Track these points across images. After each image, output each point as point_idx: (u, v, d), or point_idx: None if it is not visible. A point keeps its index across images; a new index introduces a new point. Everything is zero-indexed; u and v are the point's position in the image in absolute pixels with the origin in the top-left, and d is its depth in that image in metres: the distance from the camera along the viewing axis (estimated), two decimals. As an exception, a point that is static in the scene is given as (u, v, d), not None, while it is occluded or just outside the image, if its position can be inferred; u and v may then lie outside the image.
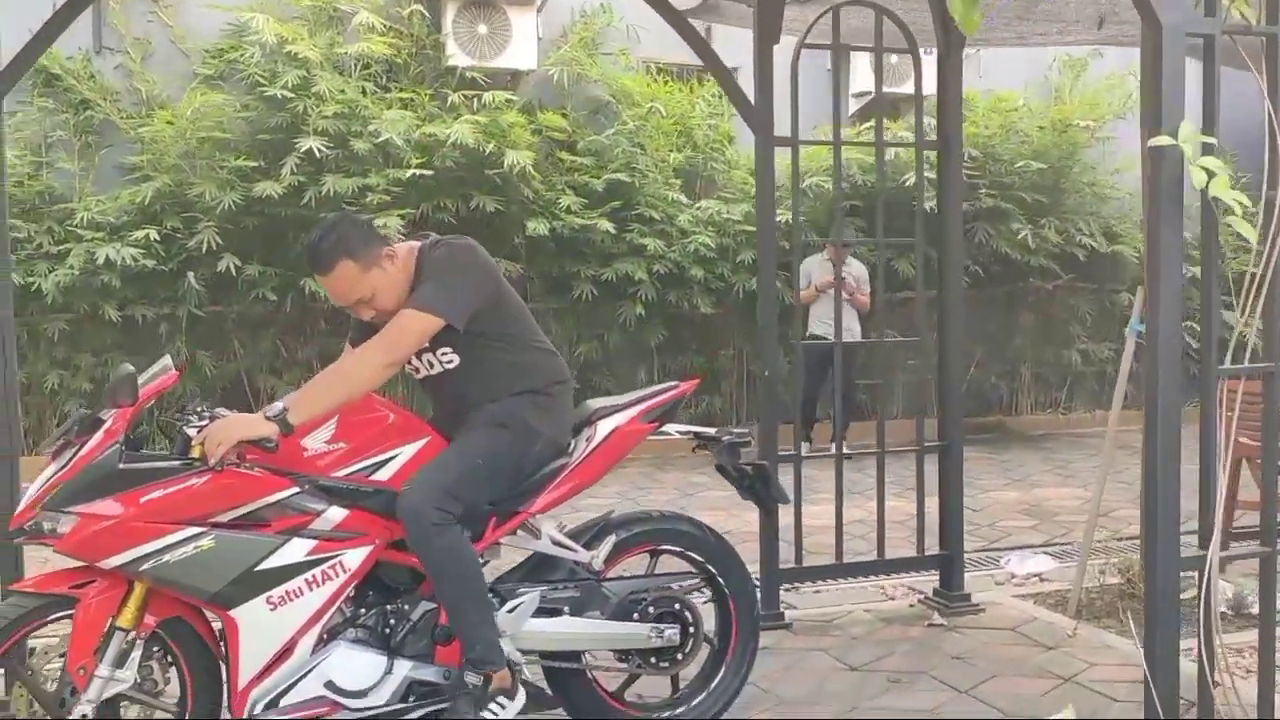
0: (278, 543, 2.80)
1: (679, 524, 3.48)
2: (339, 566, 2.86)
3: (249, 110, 8.38)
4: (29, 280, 7.84)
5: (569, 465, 3.22)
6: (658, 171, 9.26)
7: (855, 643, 4.37)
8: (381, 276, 2.97)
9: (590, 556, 3.26)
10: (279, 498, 2.83)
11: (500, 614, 3.09)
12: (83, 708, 2.72)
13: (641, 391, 3.48)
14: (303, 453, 2.89)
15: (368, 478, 2.95)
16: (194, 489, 2.74)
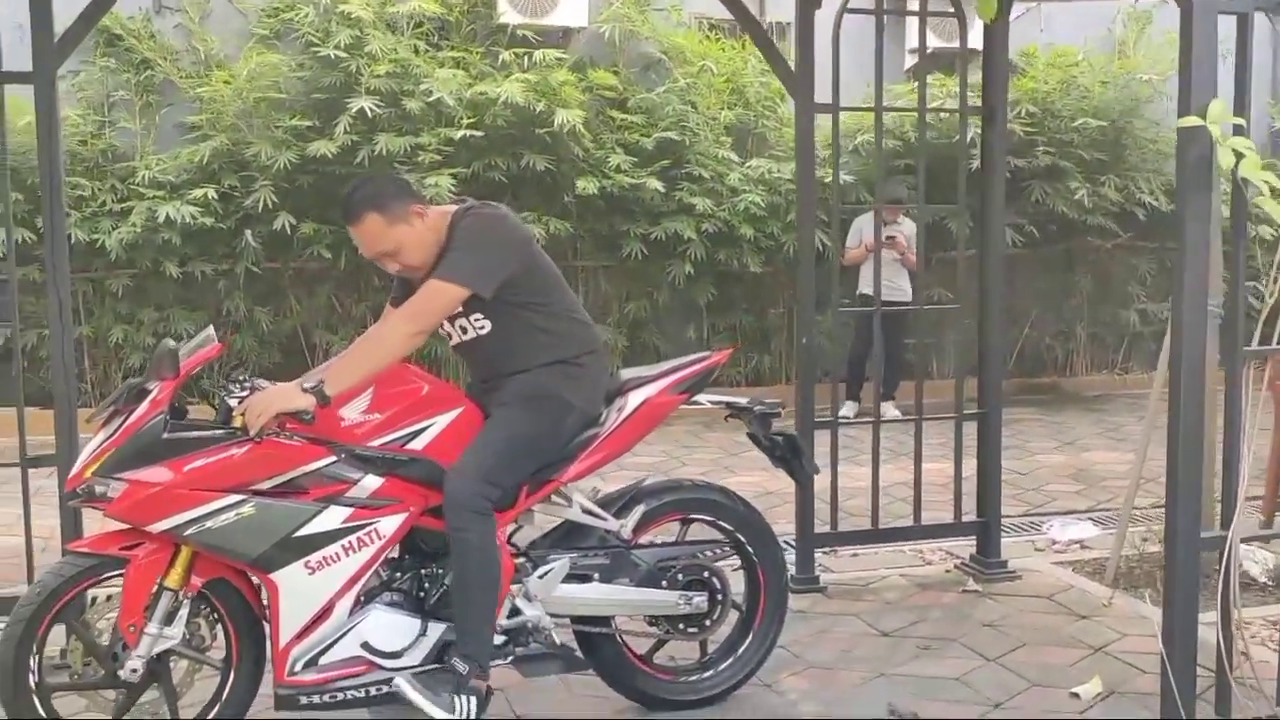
0: (315, 510, 2.90)
1: (709, 493, 3.53)
2: (374, 533, 2.96)
3: (304, 70, 8.48)
4: (94, 237, 8.06)
5: (600, 435, 3.27)
6: (708, 129, 9.23)
7: (888, 608, 4.42)
8: (407, 232, 3.02)
9: (620, 525, 3.32)
10: (317, 466, 2.93)
11: (531, 579, 3.18)
12: (133, 663, 2.87)
13: (674, 362, 3.52)
14: (340, 422, 2.98)
15: (402, 447, 3.04)
16: (235, 458, 2.86)
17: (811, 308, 4.61)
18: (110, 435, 2.84)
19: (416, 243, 3.05)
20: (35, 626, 2.83)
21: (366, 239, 3.04)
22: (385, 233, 3.01)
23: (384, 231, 3.01)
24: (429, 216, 3.08)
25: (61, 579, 2.86)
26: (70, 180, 8.07)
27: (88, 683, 2.93)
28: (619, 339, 9.27)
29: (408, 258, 3.06)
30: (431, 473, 3.06)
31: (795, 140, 4.63)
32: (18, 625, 2.82)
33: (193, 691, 3.08)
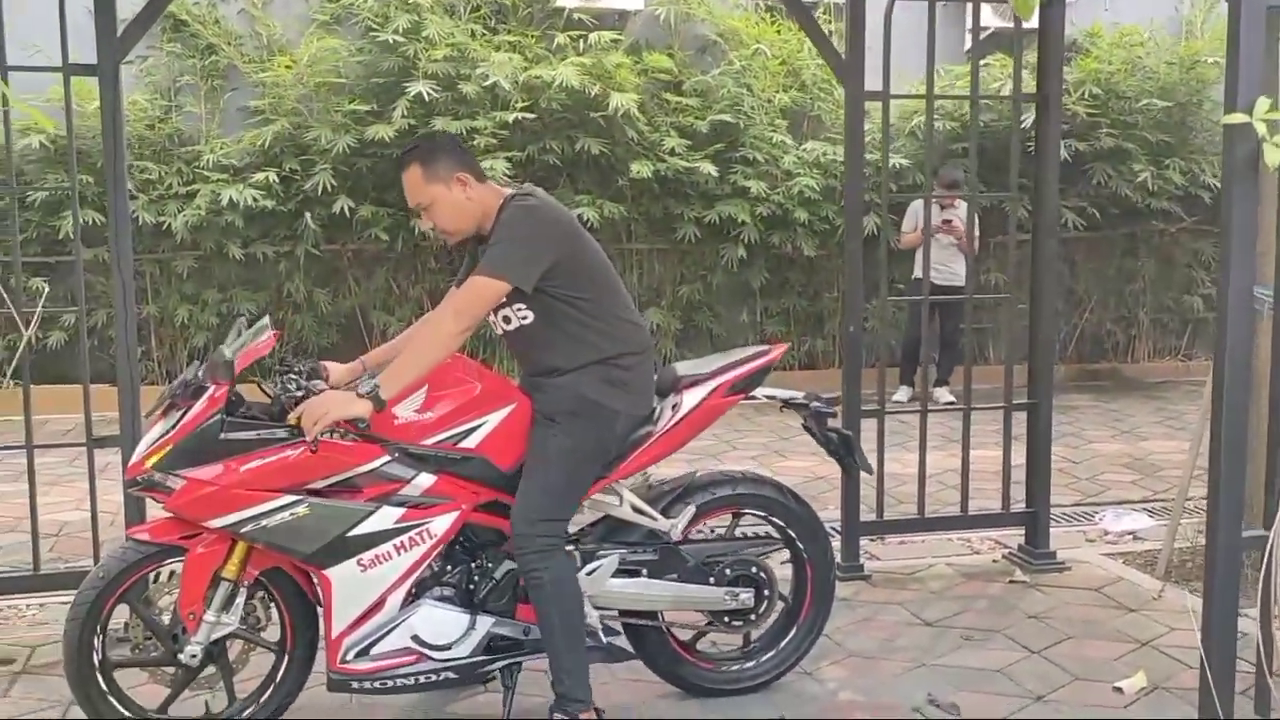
0: (368, 510, 2.97)
1: (761, 488, 3.51)
2: (426, 533, 3.02)
3: (363, 54, 8.59)
4: (160, 219, 8.27)
5: (653, 435, 3.28)
6: (763, 112, 9.21)
7: (933, 597, 4.43)
8: (442, 193, 3.07)
9: (669, 526, 3.32)
10: (371, 467, 2.98)
11: (581, 575, 3.21)
12: (192, 648, 2.98)
13: (729, 356, 3.49)
14: (393, 420, 3.03)
15: (455, 445, 3.08)
16: (289, 460, 2.91)
17: (859, 295, 4.60)
18: (169, 429, 2.92)
19: (449, 207, 3.09)
20: (99, 608, 2.94)
21: (406, 188, 3.12)
22: (421, 187, 3.08)
23: (420, 185, 3.08)
24: (473, 188, 3.11)
25: (123, 564, 2.96)
26: (138, 164, 8.29)
27: (148, 659, 3.05)
28: (672, 322, 9.31)
29: (436, 217, 3.11)
30: (484, 470, 3.11)
31: (844, 127, 4.61)
32: (81, 606, 2.93)
33: (249, 668, 3.20)
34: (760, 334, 9.56)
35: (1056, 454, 6.88)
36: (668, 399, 3.36)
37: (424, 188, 3.08)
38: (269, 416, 3.01)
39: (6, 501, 5.68)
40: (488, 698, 3.44)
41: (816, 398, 3.54)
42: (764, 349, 3.51)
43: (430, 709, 3.42)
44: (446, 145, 3.21)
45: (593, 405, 3.14)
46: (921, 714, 3.39)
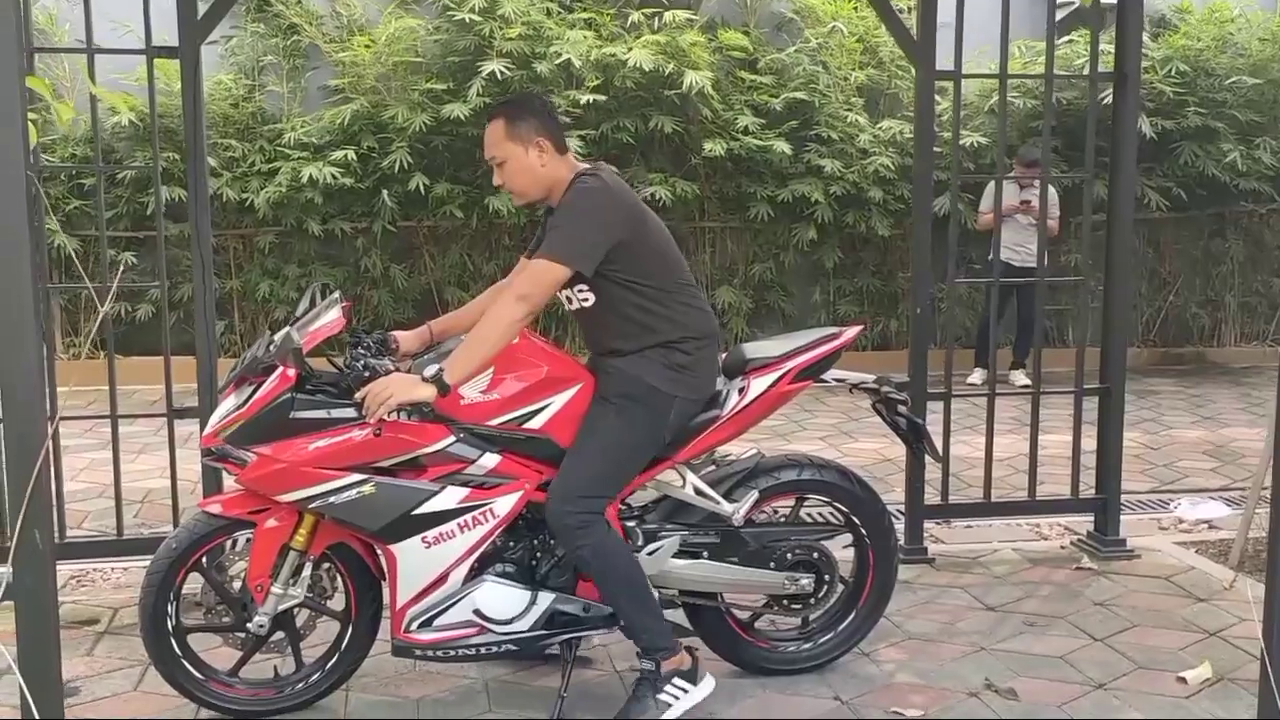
0: (433, 490, 3.03)
1: (825, 473, 3.49)
2: (489, 512, 3.08)
3: (439, 34, 8.69)
4: (243, 196, 8.48)
5: (719, 419, 3.28)
6: (839, 90, 9.13)
7: (996, 582, 4.40)
8: (518, 153, 3.08)
9: (731, 510, 3.31)
10: (436, 448, 3.04)
11: (641, 554, 3.25)
12: (260, 618, 3.10)
13: (800, 338, 3.45)
14: (459, 400, 3.07)
15: (520, 426, 3.12)
16: (356, 441, 2.97)
17: (927, 276, 4.56)
18: (241, 404, 3.00)
19: (521, 167, 3.10)
20: (171, 577, 3.07)
21: (487, 139, 3.15)
22: (500, 142, 3.10)
23: (500, 140, 3.10)
24: (550, 156, 3.11)
25: (194, 536, 3.08)
26: (222, 142, 8.50)
27: (220, 625, 3.17)
28: (744, 301, 9.31)
29: (507, 175, 3.12)
30: (548, 450, 3.15)
31: (915, 107, 4.57)
32: (155, 575, 3.06)
33: (315, 634, 3.31)
34: (832, 314, 9.51)
35: (1134, 440, 6.79)
36: (735, 381, 3.36)
37: (503, 143, 3.10)
38: (338, 390, 3.07)
39: (96, 469, 5.92)
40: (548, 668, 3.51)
41: (887, 381, 3.52)
42: (836, 332, 3.46)
43: (491, 678, 3.50)
44: (536, 107, 3.18)
45: (649, 390, 3.13)
46: (979, 698, 3.38)
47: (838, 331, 3.47)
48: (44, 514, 2.16)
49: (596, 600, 3.24)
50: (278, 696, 3.21)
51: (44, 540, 2.14)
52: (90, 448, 6.38)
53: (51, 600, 2.23)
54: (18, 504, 2.12)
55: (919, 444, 3.63)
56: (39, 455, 2.13)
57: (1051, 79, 4.67)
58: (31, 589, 2.18)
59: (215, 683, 3.18)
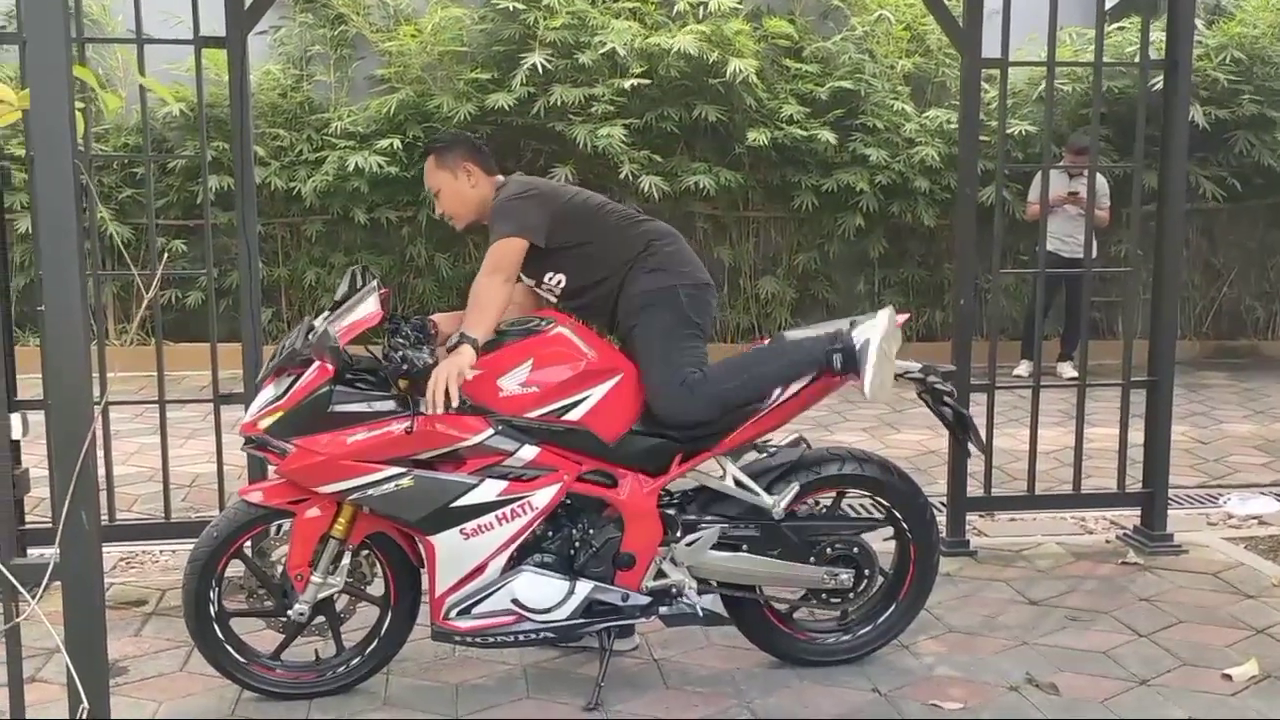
0: (471, 483, 3.05)
1: (867, 467, 3.46)
2: (527, 505, 3.10)
3: (484, 23, 8.72)
4: (291, 185, 8.57)
5: (761, 411, 3.29)
6: (885, 79, 9.05)
7: (1039, 576, 4.35)
8: (449, 180, 3.39)
9: (772, 503, 3.31)
10: (475, 440, 3.06)
11: (679, 545, 3.26)
12: (300, 606, 3.14)
13: (844, 326, 3.41)
14: (498, 393, 3.10)
15: (559, 418, 3.14)
16: (395, 435, 3.00)
17: (970, 267, 4.52)
18: (280, 395, 3.03)
19: (452, 192, 3.40)
20: (213, 565, 3.11)
21: (425, 176, 3.46)
22: (433, 173, 3.41)
23: (433, 172, 3.41)
24: (478, 178, 3.40)
25: (234, 525, 3.12)
26: (270, 131, 8.59)
27: (261, 610, 3.22)
28: (788, 291, 9.28)
29: (444, 200, 3.42)
30: (587, 442, 3.17)
31: (960, 96, 4.52)
32: (196, 563, 3.11)
33: (355, 618, 3.34)
34: (877, 304, 9.35)
35: (1184, 433, 6.69)
36: None
37: (435, 173, 3.42)
38: (377, 380, 3.09)
39: (146, 453, 6.02)
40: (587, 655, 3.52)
41: (933, 370, 3.47)
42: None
43: (530, 664, 3.52)
44: (460, 140, 3.52)
45: (651, 294, 3.31)
46: (1019, 693, 3.35)
47: None
48: (90, 495, 2.20)
49: (635, 589, 3.25)
50: (318, 680, 3.25)
51: (90, 521, 2.18)
52: (140, 432, 6.49)
53: (98, 581, 2.27)
54: (65, 486, 2.16)
55: (964, 435, 3.60)
56: (85, 438, 2.17)
57: (1100, 66, 4.59)
58: (78, 570, 2.22)
59: (257, 665, 3.23)
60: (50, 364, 2.21)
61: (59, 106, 2.13)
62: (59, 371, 2.19)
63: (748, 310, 9.36)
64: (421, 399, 3.01)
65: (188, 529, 4.18)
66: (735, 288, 9.39)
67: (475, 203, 3.40)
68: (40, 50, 2.14)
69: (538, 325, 3.24)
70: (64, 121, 2.13)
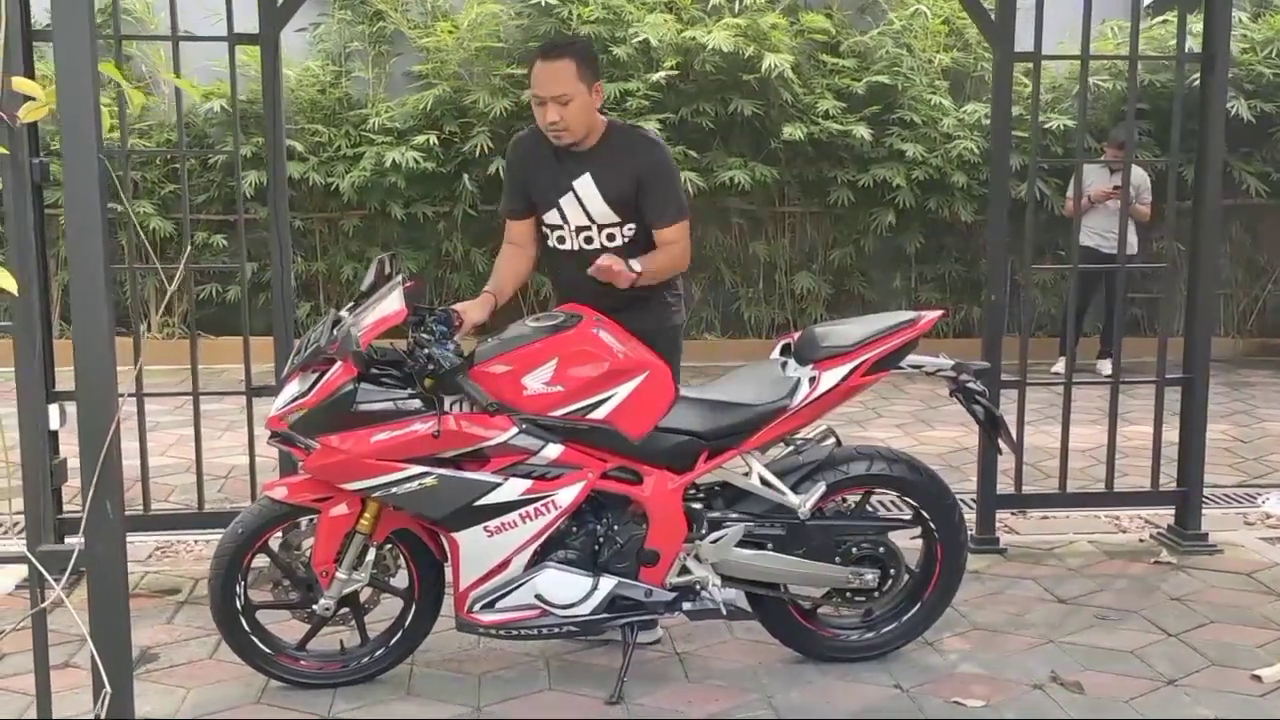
0: (495, 482, 3.07)
1: (895, 467, 3.43)
2: (551, 504, 3.11)
3: (521, 18, 8.75)
4: (329, 180, 8.65)
5: (788, 410, 3.27)
6: (923, 73, 8.98)
7: (1069, 574, 4.31)
8: (584, 92, 3.28)
9: (798, 502, 3.29)
10: (499, 440, 3.07)
11: (704, 543, 3.26)
12: (325, 601, 3.18)
13: (876, 323, 3.39)
14: (522, 391, 3.11)
15: (584, 417, 3.14)
16: (419, 435, 3.01)
17: (1002, 263, 4.49)
18: (305, 391, 3.04)
19: (585, 108, 3.29)
20: (238, 560, 3.16)
21: (551, 76, 3.25)
22: (572, 81, 3.25)
23: (572, 79, 3.25)
24: (597, 101, 3.36)
25: (259, 520, 3.17)
26: (309, 127, 8.68)
27: (287, 602, 3.26)
28: (823, 287, 9.25)
29: (571, 113, 3.26)
30: (612, 440, 3.17)
31: (992, 90, 4.49)
32: (222, 558, 3.15)
33: (380, 609, 3.38)
34: (913, 300, 9.37)
35: (1224, 432, 6.59)
36: (805, 370, 3.33)
37: (574, 82, 3.25)
38: (402, 375, 3.09)
39: (183, 444, 6.10)
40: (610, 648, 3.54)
41: (965, 368, 3.43)
42: (912, 318, 3.39)
43: (552, 655, 3.54)
44: (595, 52, 3.44)
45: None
46: (1043, 691, 3.33)
47: (915, 317, 3.40)
48: (114, 486, 2.24)
49: (658, 585, 3.26)
50: (343, 670, 3.29)
51: (115, 510, 2.22)
52: (180, 424, 6.56)
53: (122, 570, 2.31)
54: (90, 476, 2.21)
55: (994, 433, 3.57)
56: (110, 429, 2.21)
57: (1136, 60, 4.54)
58: (103, 558, 2.27)
59: (283, 656, 3.27)
60: (78, 355, 2.26)
61: (85, 103, 2.17)
62: (86, 363, 2.23)
63: (783, 306, 9.34)
64: (446, 400, 3.03)
65: (221, 519, 4.20)
66: (770, 283, 9.37)
67: (594, 124, 3.36)
68: (67, 48, 2.18)
69: (564, 322, 3.24)
70: (89, 118, 2.18)
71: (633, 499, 3.23)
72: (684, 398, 3.30)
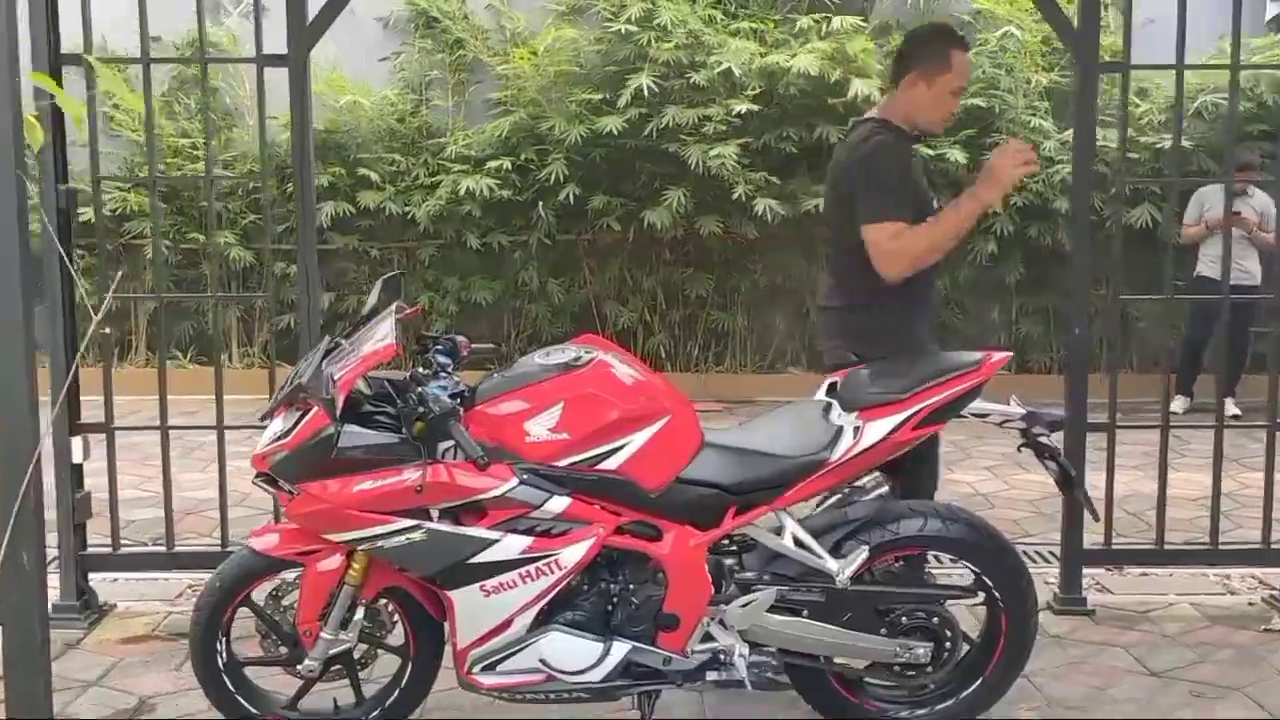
0: (491, 539, 2.76)
1: (952, 527, 3.03)
2: (555, 564, 2.80)
3: (600, 44, 8.57)
4: (406, 209, 8.58)
5: (827, 464, 2.90)
6: (1022, 95, 8.51)
7: (1165, 642, 3.85)
8: None
9: (838, 569, 2.91)
10: (497, 493, 2.77)
11: (731, 607, 2.92)
12: (310, 663, 2.91)
13: (932, 366, 3.00)
14: (524, 438, 2.80)
15: (593, 467, 2.83)
16: (407, 485, 2.72)
17: (1085, 292, 4.08)
18: (288, 430, 2.80)
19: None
20: (219, 615, 2.92)
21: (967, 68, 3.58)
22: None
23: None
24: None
25: (240, 573, 2.93)
26: (386, 156, 8.63)
27: (275, 658, 3.00)
28: (916, 319, 8.79)
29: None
30: (627, 491, 2.85)
31: (1075, 103, 4.09)
32: (202, 614, 2.92)
33: (377, 665, 3.12)
34: (1012, 333, 8.88)
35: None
36: (849, 417, 2.95)
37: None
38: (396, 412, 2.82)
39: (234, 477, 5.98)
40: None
41: (1038, 418, 3.00)
42: (976, 361, 2.98)
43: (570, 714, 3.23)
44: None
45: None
46: (1120, 783, 2.91)
47: (980, 359, 2.98)
48: (32, 531, 2.03)
49: (679, 652, 2.92)
50: (337, 733, 3.04)
51: (31, 560, 2.01)
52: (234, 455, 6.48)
53: (40, 622, 2.10)
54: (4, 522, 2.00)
55: (1071, 494, 3.14)
56: (28, 470, 2.00)
57: (1237, 68, 4.09)
58: (18, 609, 2.05)
59: (273, 716, 3.02)
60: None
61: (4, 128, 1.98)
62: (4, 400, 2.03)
63: (872, 339, 8.92)
64: (439, 445, 2.75)
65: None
66: (860, 315, 8.95)
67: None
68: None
69: (575, 359, 2.92)
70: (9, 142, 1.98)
71: (650, 556, 2.90)
72: (710, 445, 2.96)
